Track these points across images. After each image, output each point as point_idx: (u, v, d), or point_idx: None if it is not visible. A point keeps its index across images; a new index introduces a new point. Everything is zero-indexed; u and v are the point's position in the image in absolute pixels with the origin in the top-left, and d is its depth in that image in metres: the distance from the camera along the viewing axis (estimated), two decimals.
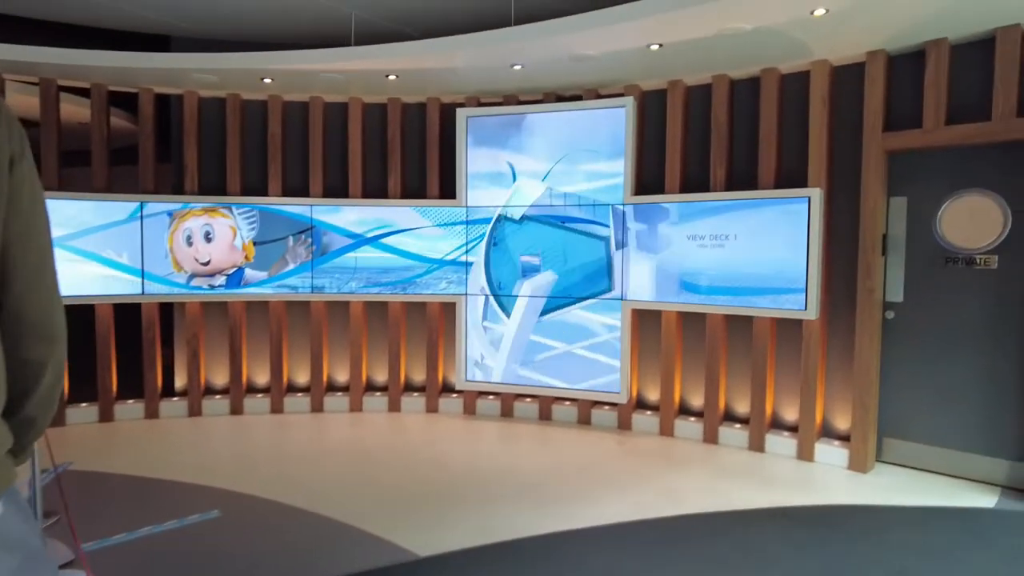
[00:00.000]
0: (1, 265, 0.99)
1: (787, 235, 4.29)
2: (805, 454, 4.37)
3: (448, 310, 5.55)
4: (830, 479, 4.03)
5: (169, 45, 5.58)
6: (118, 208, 5.02)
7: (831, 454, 4.29)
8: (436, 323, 5.51)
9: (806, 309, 4.22)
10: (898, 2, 3.36)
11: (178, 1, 4.79)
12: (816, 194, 4.19)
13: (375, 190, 5.59)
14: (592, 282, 4.99)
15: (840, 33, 3.79)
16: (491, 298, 5.27)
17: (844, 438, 4.36)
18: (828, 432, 4.46)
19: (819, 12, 3.45)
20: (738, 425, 4.76)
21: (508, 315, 5.23)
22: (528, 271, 5.15)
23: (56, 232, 4.83)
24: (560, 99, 5.20)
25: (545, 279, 5.11)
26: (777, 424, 4.68)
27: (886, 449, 4.26)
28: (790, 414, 4.63)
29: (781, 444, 4.51)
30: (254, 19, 5.09)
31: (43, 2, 4.80)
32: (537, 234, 5.12)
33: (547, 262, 5.11)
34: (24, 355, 1.03)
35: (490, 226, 5.25)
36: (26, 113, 5.89)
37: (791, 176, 4.49)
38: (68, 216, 4.87)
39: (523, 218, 5.15)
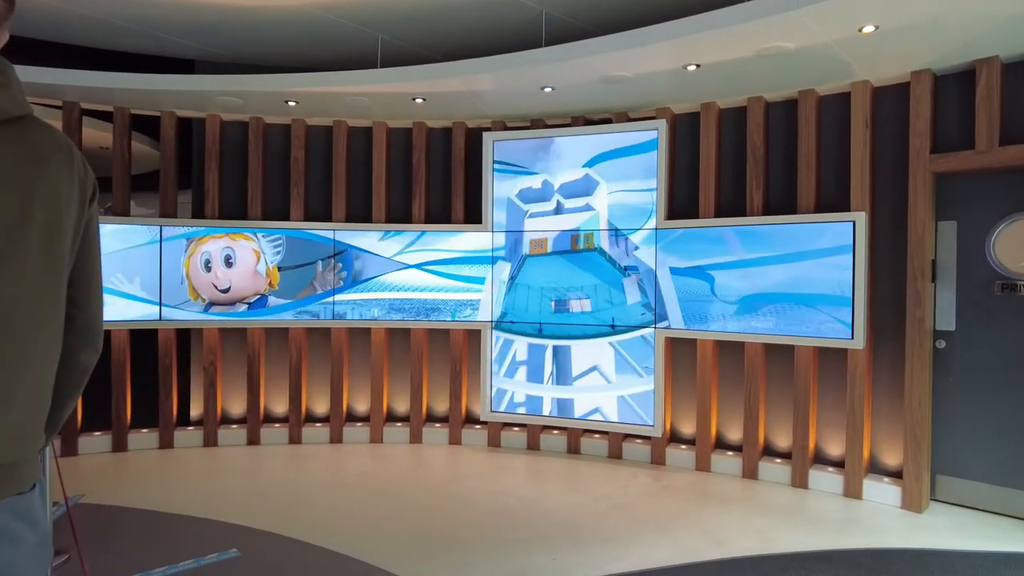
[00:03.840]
0: (75, 284, 1.17)
1: (831, 261, 4.11)
2: (852, 491, 4.13)
3: (472, 337, 5.38)
4: (883, 519, 3.78)
5: (193, 69, 5.55)
6: (135, 233, 4.92)
7: (881, 492, 4.05)
8: (460, 351, 5.34)
9: (853, 338, 4.02)
10: (951, 19, 3.23)
11: (203, 25, 4.75)
12: (861, 218, 4.03)
13: (399, 215, 5.48)
14: (623, 310, 4.81)
15: (885, 52, 3.66)
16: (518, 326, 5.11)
17: (894, 475, 4.12)
18: (876, 468, 4.22)
19: (868, 29, 3.33)
20: (779, 460, 4.53)
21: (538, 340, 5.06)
22: (561, 300, 4.99)
23: None
24: (588, 122, 5.09)
25: (579, 307, 4.94)
26: (820, 459, 4.45)
27: (940, 487, 4.02)
28: (834, 449, 4.40)
29: (825, 480, 4.27)
30: (279, 43, 5.05)
31: (67, 26, 4.77)
32: (566, 261, 4.97)
33: (578, 290, 4.95)
34: (81, 359, 1.23)
35: (516, 252, 5.11)
36: None
37: (831, 201, 4.34)
38: None
39: (552, 243, 5.01)
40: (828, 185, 4.37)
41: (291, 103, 4.91)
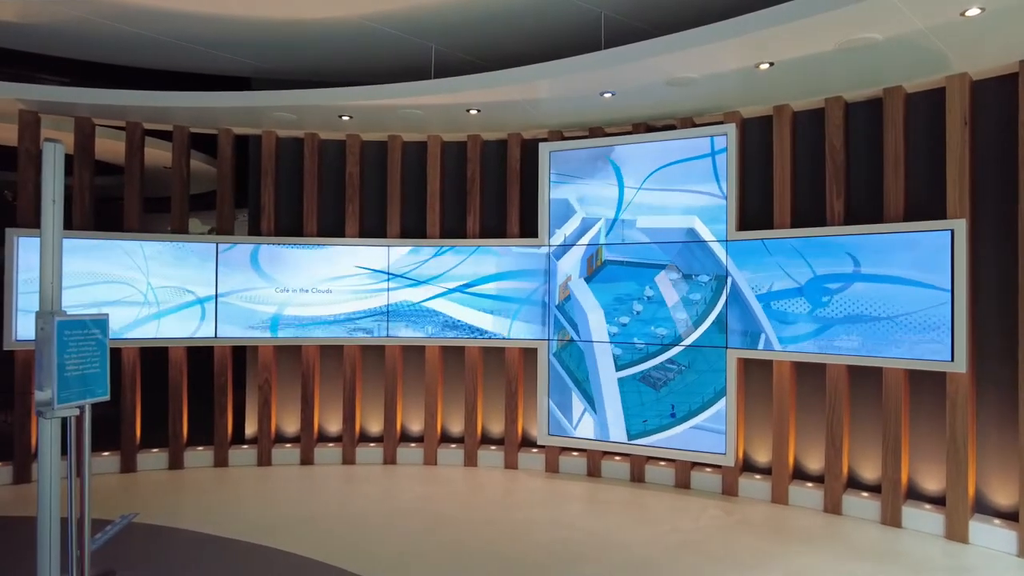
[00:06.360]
0: None
1: (924, 274, 3.71)
2: (956, 534, 3.67)
3: (529, 356, 5.15)
4: (999, 570, 3.32)
5: (249, 86, 5.58)
6: (193, 250, 4.93)
7: (992, 536, 3.57)
8: (515, 370, 5.11)
9: (953, 360, 3.60)
10: None
11: (258, 43, 4.74)
12: (960, 226, 3.61)
13: (453, 230, 5.33)
14: (692, 327, 4.50)
15: (989, 39, 3.28)
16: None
17: (1007, 516, 3.64)
18: (984, 508, 3.74)
19: (972, 12, 2.96)
20: (865, 493, 4.11)
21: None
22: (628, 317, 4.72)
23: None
24: (650, 129, 4.82)
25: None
26: (914, 494, 4.00)
27: None
28: (930, 483, 3.94)
29: (922, 519, 3.83)
30: (333, 57, 5.00)
31: (130, 49, 4.85)
32: (628, 275, 4.70)
33: (641, 305, 4.66)
34: None
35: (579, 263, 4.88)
36: (112, 158, 6.00)
37: (923, 208, 3.93)
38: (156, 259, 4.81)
39: (612, 259, 4.76)
40: (918, 191, 3.97)
41: (345, 118, 4.84)
